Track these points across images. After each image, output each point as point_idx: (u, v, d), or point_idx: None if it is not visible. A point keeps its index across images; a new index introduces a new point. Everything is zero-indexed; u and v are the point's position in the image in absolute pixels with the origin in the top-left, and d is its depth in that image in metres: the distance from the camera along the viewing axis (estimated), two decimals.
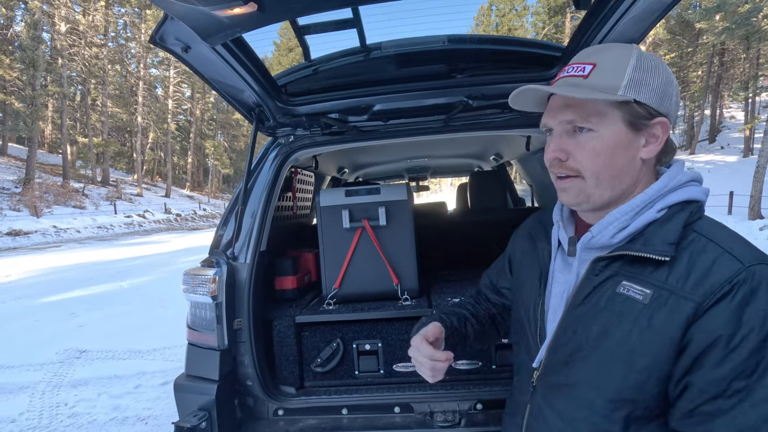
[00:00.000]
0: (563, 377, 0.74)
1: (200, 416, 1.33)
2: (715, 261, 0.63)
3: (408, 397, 1.55)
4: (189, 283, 1.50)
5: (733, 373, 0.58)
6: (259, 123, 1.66)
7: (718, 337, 0.59)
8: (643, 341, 0.65)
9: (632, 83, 0.68)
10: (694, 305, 0.61)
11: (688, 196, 0.70)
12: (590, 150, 0.71)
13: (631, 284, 0.68)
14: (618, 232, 0.72)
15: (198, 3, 0.99)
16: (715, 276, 0.61)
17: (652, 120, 0.70)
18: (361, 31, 1.54)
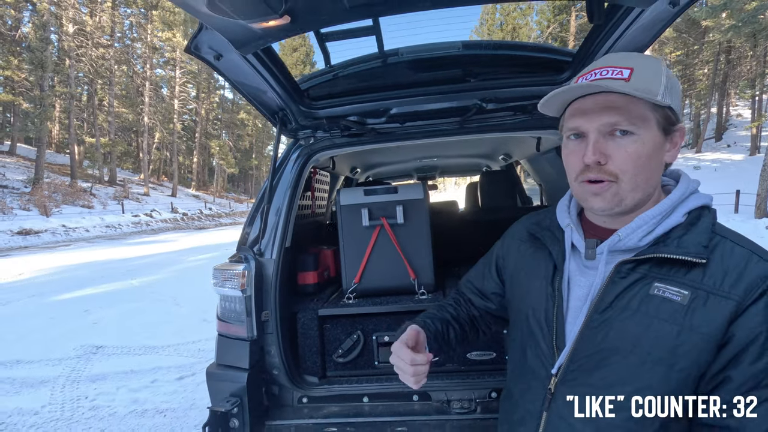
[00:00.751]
0: (595, 380, 0.73)
1: (233, 402, 1.42)
2: (747, 262, 0.67)
3: (426, 386, 1.63)
4: (218, 277, 1.59)
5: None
6: (282, 126, 1.74)
7: (759, 333, 0.63)
8: (686, 341, 0.66)
9: (667, 90, 0.70)
10: (735, 303, 0.64)
11: (704, 202, 0.75)
12: (633, 153, 0.71)
13: (666, 286, 0.69)
14: (646, 235, 0.73)
15: (237, 17, 1.07)
16: (751, 276, 0.65)
17: (676, 126, 0.74)
18: (379, 38, 1.62)
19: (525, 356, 0.86)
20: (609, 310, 0.73)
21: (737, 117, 32.49)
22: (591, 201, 0.76)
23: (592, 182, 0.74)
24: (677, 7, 1.25)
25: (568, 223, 0.85)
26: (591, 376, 0.73)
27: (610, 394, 0.71)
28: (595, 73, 0.73)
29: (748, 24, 17.68)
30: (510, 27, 33.11)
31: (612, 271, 0.74)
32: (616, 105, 0.70)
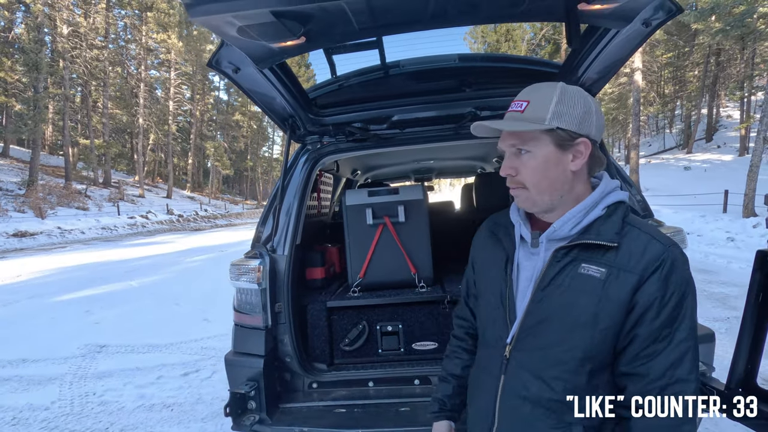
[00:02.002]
0: (536, 343, 0.91)
1: (251, 385, 1.55)
2: (647, 245, 0.86)
3: (426, 371, 1.78)
4: (234, 272, 1.72)
5: (663, 323, 0.82)
6: (292, 132, 1.88)
7: (655, 298, 0.82)
8: (604, 308, 0.85)
9: (555, 114, 0.87)
10: (638, 277, 0.83)
11: (620, 198, 0.93)
12: (531, 167, 0.91)
13: (590, 265, 0.88)
14: (574, 226, 0.91)
15: (261, 39, 1.21)
16: (649, 254, 0.85)
17: (575, 140, 0.89)
18: (382, 51, 1.77)
19: (486, 333, 1.05)
20: (548, 288, 0.91)
21: (727, 118, 32.99)
22: (516, 201, 0.98)
23: (512, 188, 0.96)
24: (650, 27, 1.41)
25: (517, 219, 1.02)
26: (535, 340, 0.91)
27: (548, 352, 0.89)
28: (511, 105, 0.94)
29: (736, 27, 18.05)
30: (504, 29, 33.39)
31: (550, 256, 0.92)
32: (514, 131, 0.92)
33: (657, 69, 32.62)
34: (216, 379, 3.63)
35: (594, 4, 1.16)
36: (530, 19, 1.38)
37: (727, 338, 3.94)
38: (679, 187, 19.53)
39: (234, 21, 1.05)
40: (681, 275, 0.83)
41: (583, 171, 0.93)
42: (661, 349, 0.82)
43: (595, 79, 1.75)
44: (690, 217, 12.48)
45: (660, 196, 17.80)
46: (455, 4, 1.21)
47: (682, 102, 32.36)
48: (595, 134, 0.91)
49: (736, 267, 7.10)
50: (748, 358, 1.23)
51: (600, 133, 0.93)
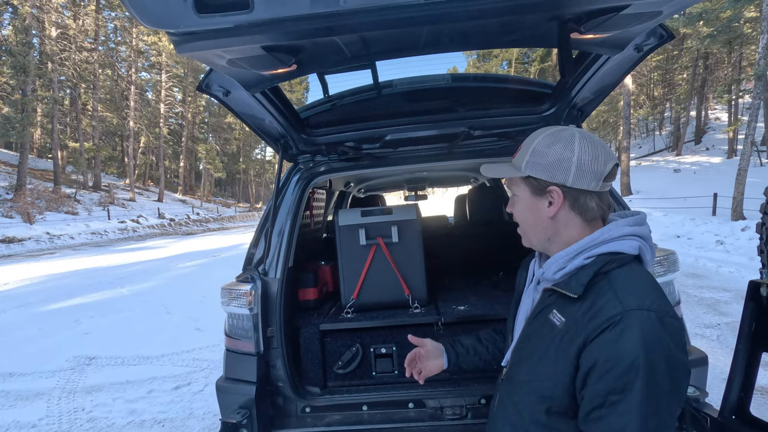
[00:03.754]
0: (515, 375, 0.97)
1: (242, 413, 1.52)
2: (607, 302, 0.81)
3: (420, 394, 1.76)
4: (226, 296, 1.70)
5: (608, 389, 0.76)
6: (284, 151, 1.86)
7: (596, 362, 0.78)
8: (556, 358, 0.84)
9: (528, 164, 0.91)
10: (585, 336, 0.80)
11: (615, 249, 0.87)
12: (516, 209, 0.98)
13: (556, 312, 0.89)
14: (558, 270, 0.91)
15: (251, 68, 1.19)
16: (602, 315, 0.80)
17: (546, 188, 0.90)
18: (374, 71, 1.75)
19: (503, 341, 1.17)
20: (530, 326, 0.96)
21: (715, 120, 33.48)
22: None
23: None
24: (641, 52, 1.41)
25: (537, 256, 1.08)
26: (517, 370, 0.97)
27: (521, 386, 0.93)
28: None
29: (723, 32, 18.34)
30: None
31: (540, 296, 0.97)
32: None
33: (646, 72, 33.04)
34: (208, 392, 3.59)
35: (587, 33, 1.16)
36: (522, 46, 1.38)
37: (718, 346, 3.97)
38: (669, 189, 19.75)
39: (223, 54, 1.03)
40: (633, 342, 0.75)
41: (567, 217, 0.91)
42: (605, 415, 0.77)
43: (589, 99, 1.76)
44: (680, 220, 12.63)
45: (651, 199, 18.00)
46: (448, 33, 1.21)
47: (672, 105, 32.77)
48: (573, 182, 0.88)
49: (726, 271, 7.17)
50: (742, 385, 1.23)
51: (585, 181, 0.88)
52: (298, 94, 44.78)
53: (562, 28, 1.07)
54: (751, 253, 8.37)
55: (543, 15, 1.03)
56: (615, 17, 1.00)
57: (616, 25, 1.06)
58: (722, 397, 1.29)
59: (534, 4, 0.88)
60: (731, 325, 4.53)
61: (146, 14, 0.82)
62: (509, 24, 1.13)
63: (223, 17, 0.84)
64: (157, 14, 0.83)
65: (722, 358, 3.62)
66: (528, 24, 1.13)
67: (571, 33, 1.16)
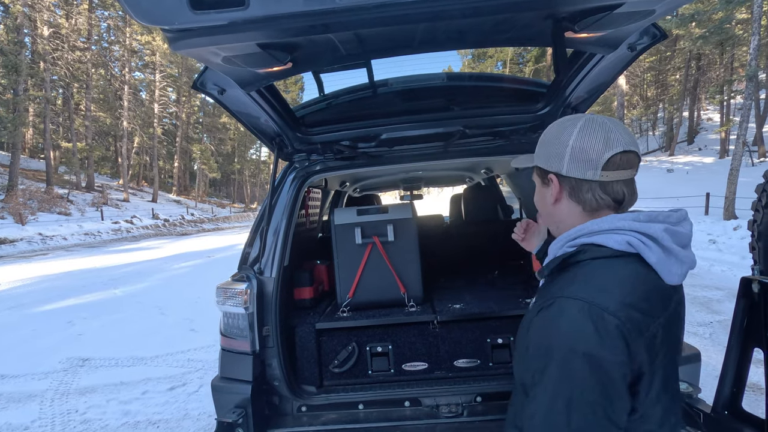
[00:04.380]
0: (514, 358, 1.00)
1: (238, 413, 1.52)
2: (552, 287, 0.84)
3: (416, 392, 1.77)
4: (221, 295, 1.69)
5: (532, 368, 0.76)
6: (279, 150, 1.85)
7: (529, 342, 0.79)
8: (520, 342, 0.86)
9: (537, 153, 0.94)
10: (533, 314, 0.82)
11: (598, 241, 0.83)
12: (534, 198, 1.00)
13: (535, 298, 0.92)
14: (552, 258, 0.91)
15: (246, 66, 1.19)
16: (542, 298, 0.83)
17: (547, 176, 0.92)
18: (370, 70, 1.75)
19: None
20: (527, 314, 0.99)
21: (707, 121, 33.76)
22: None
23: None
24: (635, 51, 1.42)
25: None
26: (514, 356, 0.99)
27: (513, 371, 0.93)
28: None
29: (715, 33, 18.51)
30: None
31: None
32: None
33: (640, 73, 33.27)
34: (203, 392, 3.57)
35: (581, 32, 1.16)
36: (517, 44, 1.38)
37: (710, 344, 4.01)
38: (663, 189, 19.90)
39: (218, 52, 1.02)
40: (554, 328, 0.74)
41: (568, 206, 0.90)
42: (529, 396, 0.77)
43: (583, 98, 1.77)
44: None
45: (645, 199, 18.11)
46: (443, 31, 1.21)
47: (665, 105, 33.03)
48: (568, 170, 0.86)
49: (718, 270, 7.24)
50: (734, 381, 1.25)
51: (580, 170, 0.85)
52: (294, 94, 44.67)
53: (556, 26, 1.08)
54: (743, 252, 8.46)
55: (538, 13, 1.04)
56: (609, 16, 1.01)
57: (609, 23, 1.07)
58: (715, 393, 1.31)
59: (529, 3, 0.89)
60: (723, 323, 4.57)
61: (141, 11, 0.82)
62: (504, 22, 1.13)
63: (219, 14, 0.84)
64: (151, 11, 0.83)
65: (715, 355, 3.66)
66: (523, 22, 1.14)
67: (565, 31, 1.16)
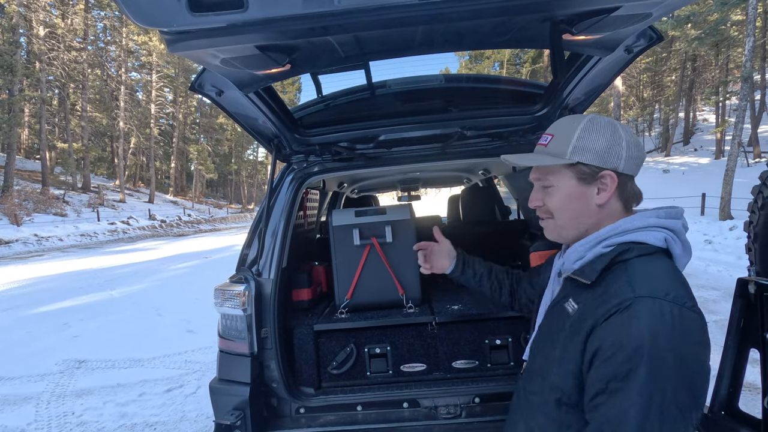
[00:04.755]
0: (531, 365, 0.97)
1: (236, 415, 1.52)
2: (618, 288, 0.79)
3: (415, 393, 1.77)
4: (219, 297, 1.69)
5: (610, 374, 0.72)
6: (277, 152, 1.85)
7: (601, 345, 0.75)
8: (567, 345, 0.83)
9: (576, 149, 0.87)
10: (593, 321, 0.78)
11: (638, 239, 0.84)
12: (555, 200, 0.92)
13: (571, 301, 0.87)
14: (577, 260, 0.89)
15: (244, 68, 1.19)
16: (612, 299, 0.78)
17: (598, 174, 0.87)
18: (368, 71, 1.75)
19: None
20: (547, 317, 0.96)
21: (703, 122, 33.96)
22: (544, 232, 1.00)
23: (541, 219, 1.00)
24: (632, 54, 1.43)
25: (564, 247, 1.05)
26: (533, 361, 0.97)
27: (533, 378, 0.93)
28: (540, 138, 0.97)
29: (711, 35, 18.62)
30: None
31: (561, 285, 0.97)
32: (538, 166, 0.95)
33: (636, 74, 33.43)
34: (201, 394, 3.57)
35: (579, 34, 1.17)
36: (515, 46, 1.39)
37: None
38: (659, 189, 19.99)
39: (217, 54, 1.02)
40: (641, 329, 0.72)
41: (613, 205, 0.90)
42: (604, 402, 0.73)
43: (580, 99, 1.77)
44: None
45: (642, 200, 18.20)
46: (442, 33, 1.21)
47: (661, 106, 33.18)
48: (625, 167, 0.87)
49: (714, 270, 7.29)
50: (731, 381, 1.26)
51: (634, 166, 0.89)
52: (291, 94, 44.63)
53: (554, 29, 1.08)
54: (739, 252, 8.51)
55: (535, 16, 1.05)
56: (606, 19, 1.02)
57: (607, 26, 1.07)
58: (711, 394, 1.32)
59: (527, 6, 0.89)
60: (720, 324, 4.59)
61: (139, 13, 0.82)
62: (502, 25, 1.14)
63: (217, 16, 0.84)
64: (149, 13, 0.82)
65: (711, 355, 3.67)
66: (521, 25, 1.14)
67: (563, 34, 1.17)
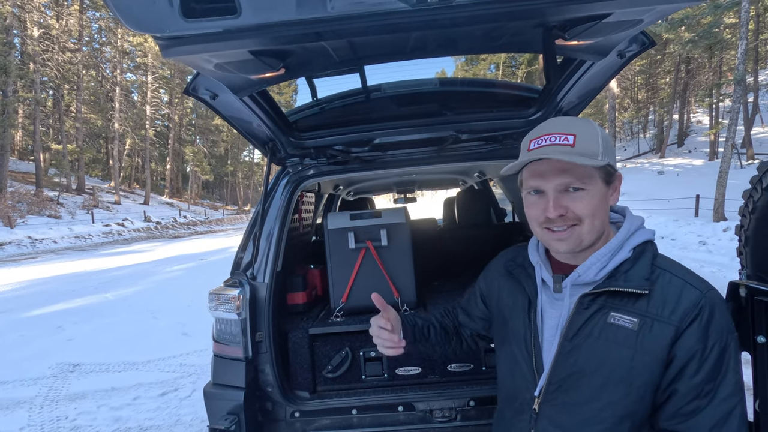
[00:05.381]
0: (567, 398, 0.85)
1: (231, 419, 1.51)
2: (682, 291, 0.79)
3: (410, 397, 1.77)
4: (214, 301, 1.68)
5: (706, 378, 0.74)
6: (272, 155, 1.85)
7: (696, 352, 0.75)
8: (639, 361, 0.78)
9: (604, 150, 0.85)
10: (674, 328, 0.76)
11: (647, 237, 0.87)
12: (587, 204, 0.84)
13: (620, 315, 0.81)
14: (600, 270, 0.85)
15: (238, 72, 1.19)
16: (685, 303, 0.77)
17: (614, 175, 0.88)
18: (363, 75, 1.76)
19: (513, 380, 1.00)
20: (576, 338, 0.85)
21: (697, 123, 34.17)
22: (555, 245, 0.90)
23: (558, 231, 0.87)
24: (624, 58, 1.44)
25: (537, 260, 0.98)
26: (567, 395, 0.85)
27: (583, 408, 0.83)
28: (545, 140, 0.86)
29: (704, 38, 18.80)
30: None
31: (576, 303, 0.86)
32: (567, 168, 0.84)
33: (631, 76, 33.67)
34: (196, 398, 3.55)
35: (572, 40, 1.18)
36: (508, 51, 1.40)
37: None
38: (654, 191, 20.11)
39: (210, 59, 1.02)
40: (722, 323, 0.75)
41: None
42: (703, 406, 0.74)
43: (575, 103, 1.78)
44: (664, 221, 12.89)
45: (636, 200, 18.30)
46: (435, 39, 1.22)
47: (655, 108, 33.39)
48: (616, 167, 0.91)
49: (708, 271, 7.33)
50: None
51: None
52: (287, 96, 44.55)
53: (547, 34, 1.09)
54: (733, 253, 8.57)
55: (528, 22, 1.05)
56: (598, 25, 1.02)
57: (599, 32, 1.08)
58: None
59: (519, 12, 0.90)
60: None
61: (132, 18, 0.81)
62: (495, 30, 1.14)
63: (210, 22, 0.84)
64: (142, 19, 0.82)
65: None
66: (514, 30, 1.15)
67: (555, 39, 1.18)
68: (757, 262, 1.17)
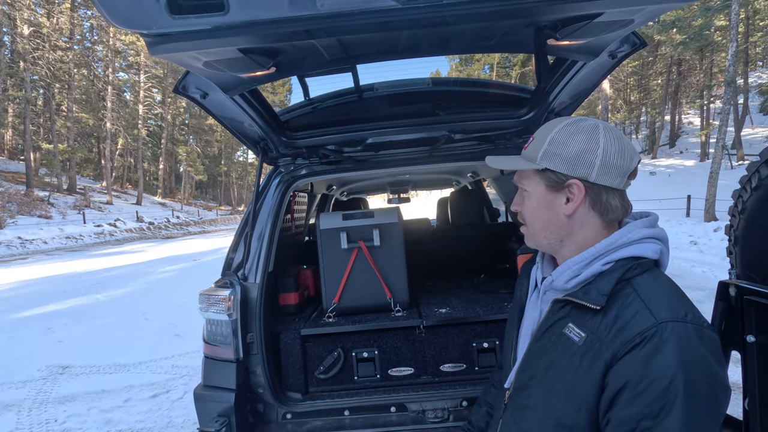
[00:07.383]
0: (524, 400, 0.84)
1: (221, 421, 1.50)
2: (635, 314, 0.71)
3: (402, 398, 1.76)
4: (204, 302, 1.66)
5: (641, 414, 0.66)
6: (264, 155, 1.84)
7: (627, 382, 0.68)
8: (575, 379, 0.74)
9: (546, 154, 0.81)
10: (612, 352, 0.70)
11: (636, 253, 0.78)
12: (528, 206, 0.87)
13: (574, 327, 0.78)
14: (571, 278, 0.81)
15: (228, 71, 1.17)
16: (632, 328, 0.70)
17: (565, 182, 0.81)
18: (355, 74, 1.75)
19: (502, 372, 1.03)
20: (539, 341, 0.84)
21: (688, 125, 34.55)
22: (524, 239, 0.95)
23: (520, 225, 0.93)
24: (616, 59, 1.45)
25: (538, 260, 0.99)
26: (525, 394, 0.85)
27: (531, 412, 0.82)
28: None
29: (695, 40, 19.00)
30: None
31: (549, 307, 0.85)
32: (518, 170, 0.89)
33: (623, 77, 33.95)
34: (188, 399, 3.52)
35: (563, 39, 1.18)
36: (500, 51, 1.40)
37: None
38: (646, 191, 20.29)
39: (199, 57, 1.01)
40: (671, 359, 0.66)
41: (585, 216, 0.83)
42: None
43: (567, 103, 1.79)
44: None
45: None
46: (427, 38, 1.21)
47: (647, 109, 33.68)
48: (598, 176, 0.79)
49: (699, 271, 7.40)
50: None
51: (613, 177, 0.80)
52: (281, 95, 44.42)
53: (538, 34, 1.09)
54: (723, 253, 8.65)
55: (519, 22, 1.05)
56: (589, 25, 1.02)
57: (590, 32, 1.08)
58: None
59: (509, 11, 0.89)
60: None
61: (117, 15, 0.80)
62: (487, 30, 1.14)
63: (198, 19, 0.82)
64: (128, 15, 0.81)
65: None
66: (505, 30, 1.15)
67: (547, 39, 1.18)
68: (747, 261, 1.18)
